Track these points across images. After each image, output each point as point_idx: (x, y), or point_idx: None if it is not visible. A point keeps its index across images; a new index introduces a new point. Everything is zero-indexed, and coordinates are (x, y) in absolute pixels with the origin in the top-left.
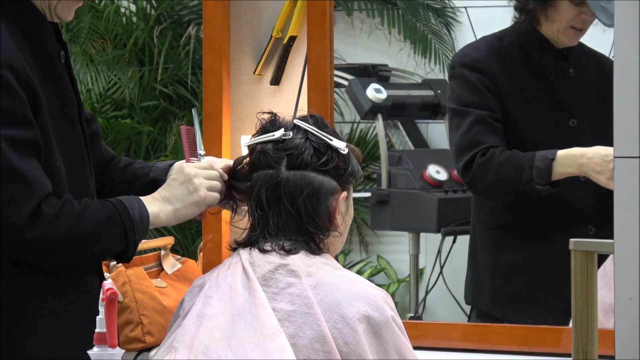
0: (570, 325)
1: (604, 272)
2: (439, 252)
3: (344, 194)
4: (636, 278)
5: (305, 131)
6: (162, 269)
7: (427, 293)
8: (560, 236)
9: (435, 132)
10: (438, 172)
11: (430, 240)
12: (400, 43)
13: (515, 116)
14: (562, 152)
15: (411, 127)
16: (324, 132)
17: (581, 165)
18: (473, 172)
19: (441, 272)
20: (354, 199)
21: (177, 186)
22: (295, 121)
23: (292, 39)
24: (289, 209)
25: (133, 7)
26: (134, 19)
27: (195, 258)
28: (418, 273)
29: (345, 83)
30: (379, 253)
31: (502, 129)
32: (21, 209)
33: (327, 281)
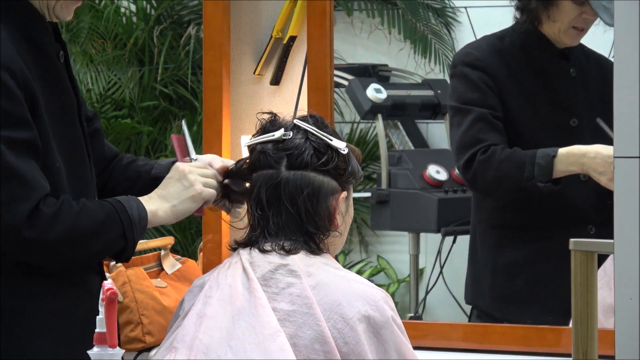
0: (570, 325)
1: (604, 272)
2: (439, 252)
3: (344, 194)
4: (636, 278)
5: (305, 131)
6: (162, 269)
7: (427, 293)
8: (560, 236)
9: (435, 132)
10: (438, 172)
11: (430, 240)
12: (400, 43)
13: (516, 115)
14: (563, 150)
15: (411, 127)
16: (324, 132)
17: (583, 164)
18: (474, 169)
19: (441, 272)
20: (354, 199)
21: (172, 184)
22: (295, 121)
23: (292, 39)
24: (289, 209)
25: (133, 7)
26: (134, 19)
27: (195, 258)
28: (418, 273)
29: (345, 83)
30: (379, 253)
31: (503, 127)
32: (19, 209)
33: (327, 281)
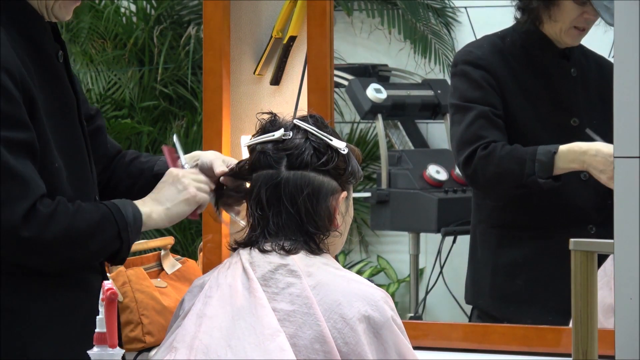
0: (570, 325)
1: (604, 272)
2: (439, 252)
3: (344, 194)
4: (636, 278)
5: (305, 131)
6: (162, 269)
7: (427, 293)
8: (560, 235)
9: (435, 132)
10: (438, 172)
11: (430, 240)
12: (400, 43)
13: (517, 115)
14: (564, 146)
15: (411, 127)
16: (324, 132)
17: (583, 162)
18: (474, 165)
19: (441, 272)
20: (354, 199)
21: (166, 187)
22: (295, 121)
23: (292, 39)
24: (289, 209)
25: (133, 7)
26: (134, 19)
27: (195, 258)
28: (418, 273)
29: (345, 83)
30: (379, 253)
31: (504, 125)
32: (16, 208)
33: (327, 281)
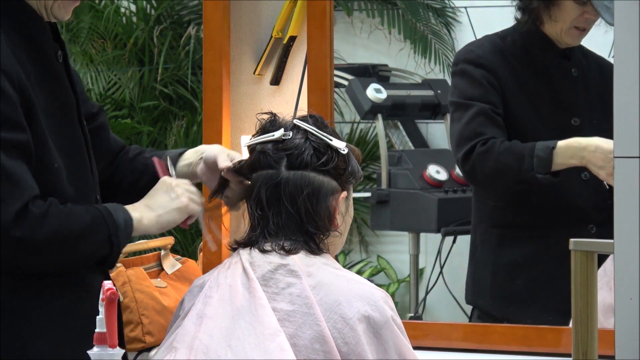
0: (570, 325)
1: (604, 272)
2: (439, 252)
3: (344, 194)
4: (636, 278)
5: (305, 131)
6: (162, 269)
7: (427, 293)
8: (561, 235)
9: (435, 132)
10: (438, 172)
11: (430, 240)
12: (400, 43)
13: (517, 114)
14: (562, 142)
15: (411, 127)
16: (324, 132)
17: (582, 157)
18: (473, 161)
19: (441, 272)
20: (354, 199)
21: (159, 195)
22: (295, 121)
23: (292, 39)
24: (288, 209)
25: (133, 7)
26: (134, 19)
27: (195, 258)
28: (418, 273)
29: (345, 83)
30: (379, 253)
31: (504, 123)
32: (8, 208)
33: (327, 281)
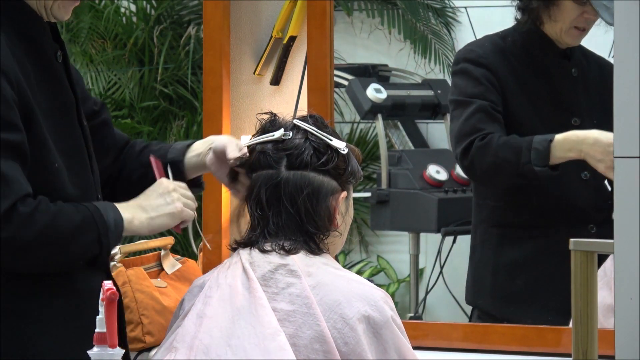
0: (570, 325)
1: (604, 272)
2: (439, 252)
3: (344, 194)
4: (636, 278)
5: (305, 131)
6: (162, 269)
7: (427, 293)
8: (561, 235)
9: (435, 132)
10: (438, 172)
11: (430, 240)
12: (400, 43)
13: (518, 114)
14: (560, 135)
15: (411, 127)
16: (324, 132)
17: (581, 150)
18: (471, 155)
19: (441, 272)
20: (354, 199)
21: (154, 197)
22: (295, 121)
23: (292, 39)
24: (288, 209)
25: (133, 7)
26: (134, 19)
27: (195, 258)
28: (418, 273)
29: (345, 83)
30: (379, 253)
31: (503, 122)
32: None
33: (327, 281)
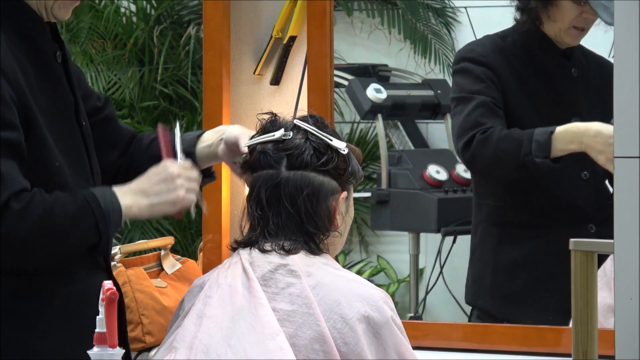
0: (570, 325)
1: (604, 272)
2: (439, 252)
3: (344, 194)
4: (636, 278)
5: (305, 131)
6: (162, 269)
7: (427, 293)
8: (560, 234)
9: (435, 132)
10: (438, 172)
11: (430, 240)
12: (400, 43)
13: (518, 113)
14: (561, 127)
15: (411, 127)
16: (324, 132)
17: (582, 142)
18: (473, 148)
19: (441, 272)
20: (354, 199)
21: (157, 182)
22: (295, 121)
23: (292, 39)
24: (288, 209)
25: (133, 7)
26: (134, 19)
27: (195, 258)
28: (418, 273)
29: (345, 83)
30: (379, 253)
31: (504, 117)
32: None
33: (327, 281)
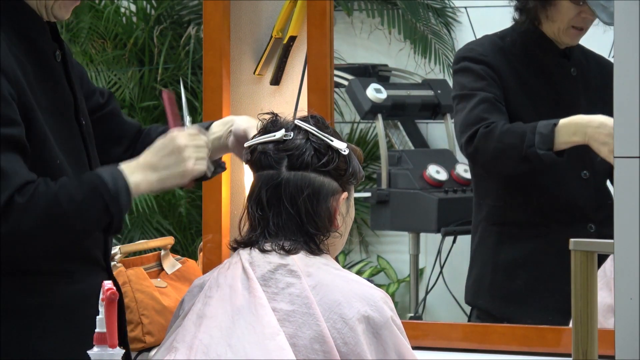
0: (570, 325)
1: (604, 272)
2: (439, 252)
3: (345, 194)
4: (636, 278)
5: (306, 132)
6: (162, 269)
7: (427, 293)
8: (560, 234)
9: (435, 132)
10: (438, 172)
11: (430, 240)
12: (400, 43)
13: (518, 112)
14: (565, 119)
15: (411, 127)
16: (325, 132)
17: (585, 134)
18: (476, 142)
19: (441, 272)
20: (354, 199)
21: (165, 154)
22: (296, 122)
23: (292, 39)
24: (289, 209)
25: (133, 7)
26: (134, 19)
27: (195, 258)
28: (418, 273)
29: (345, 83)
30: (379, 253)
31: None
32: None
33: (327, 281)
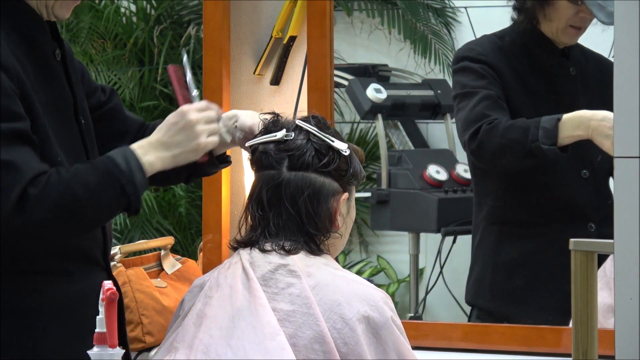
0: (570, 325)
1: (604, 272)
2: (439, 252)
3: (345, 195)
4: (636, 278)
5: (307, 132)
6: (162, 269)
7: (427, 293)
8: (560, 233)
9: (435, 132)
10: (438, 172)
11: (430, 240)
12: (400, 43)
13: (518, 112)
14: (568, 114)
15: (411, 127)
16: (326, 133)
17: (589, 127)
18: (479, 138)
19: (441, 272)
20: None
21: (177, 131)
22: (297, 122)
23: (292, 39)
24: (289, 209)
25: (133, 7)
26: (134, 19)
27: (195, 258)
28: (418, 273)
29: (345, 83)
30: (379, 253)
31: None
32: (8, 196)
33: (327, 281)
